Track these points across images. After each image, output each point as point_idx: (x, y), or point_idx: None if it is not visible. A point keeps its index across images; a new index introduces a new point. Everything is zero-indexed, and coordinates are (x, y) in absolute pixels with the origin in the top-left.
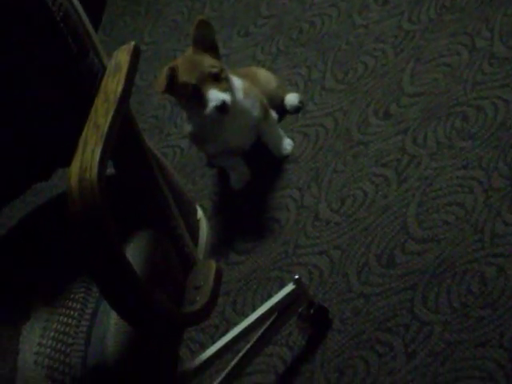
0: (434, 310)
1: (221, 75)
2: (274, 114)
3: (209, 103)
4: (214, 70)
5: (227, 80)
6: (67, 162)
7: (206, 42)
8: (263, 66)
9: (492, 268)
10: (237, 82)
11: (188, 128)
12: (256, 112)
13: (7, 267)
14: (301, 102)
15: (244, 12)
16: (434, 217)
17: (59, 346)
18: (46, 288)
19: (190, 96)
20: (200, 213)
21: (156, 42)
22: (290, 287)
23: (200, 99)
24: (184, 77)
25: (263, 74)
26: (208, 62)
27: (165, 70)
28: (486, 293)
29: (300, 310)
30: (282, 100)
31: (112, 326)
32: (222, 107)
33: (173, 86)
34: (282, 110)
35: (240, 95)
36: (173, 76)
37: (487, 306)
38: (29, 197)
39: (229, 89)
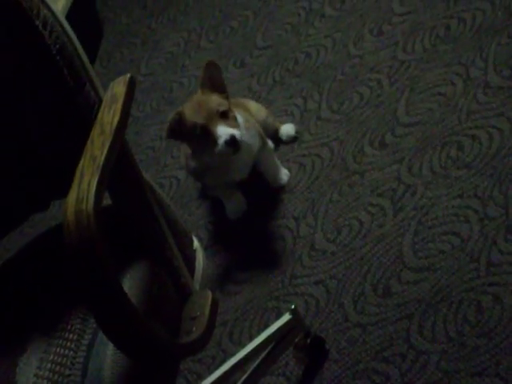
0: (431, 339)
1: (229, 113)
2: (270, 144)
3: (218, 139)
4: (222, 108)
5: (235, 118)
6: (64, 194)
7: (214, 83)
8: (259, 97)
9: (488, 297)
10: (238, 116)
11: (191, 164)
12: (256, 143)
13: (4, 298)
14: (297, 132)
15: (240, 43)
16: (430, 246)
17: (56, 377)
18: (42, 319)
19: (198, 136)
20: (196, 243)
21: (153, 73)
22: (286, 317)
23: (209, 138)
24: (192, 118)
25: (253, 105)
26: (215, 101)
27: (173, 116)
28: (483, 322)
29: (297, 339)
30: (274, 130)
31: (109, 357)
32: (232, 141)
33: (180, 130)
34: (278, 141)
35: (242, 128)
36: (179, 120)
37: (483, 335)
38: (26, 228)
39: (237, 126)
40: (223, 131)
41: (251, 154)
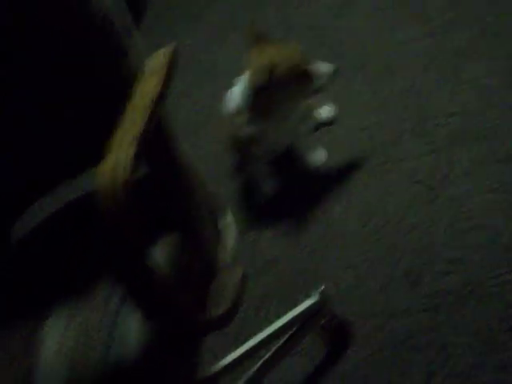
0: (457, 332)
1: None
2: (309, 123)
3: (320, 73)
4: (299, 48)
5: None
6: (100, 161)
7: (263, 35)
8: None
9: None
10: None
11: (247, 130)
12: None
13: (34, 261)
14: (336, 114)
15: (278, 24)
16: (463, 238)
17: (82, 339)
18: (72, 282)
19: (299, 75)
20: (229, 218)
21: (194, 46)
22: (313, 299)
23: (308, 75)
24: (286, 64)
25: None
26: (289, 45)
27: (263, 66)
28: (510, 317)
29: (323, 322)
30: (317, 111)
31: (135, 325)
32: (335, 72)
33: (273, 80)
34: (317, 122)
35: None
36: (273, 70)
37: (510, 330)
38: (62, 192)
39: None
40: (322, 66)
41: (298, 117)
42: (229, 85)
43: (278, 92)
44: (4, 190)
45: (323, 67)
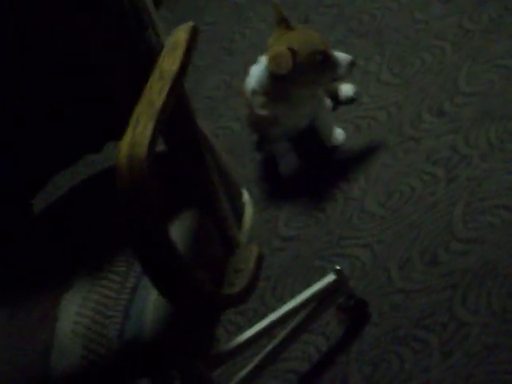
0: (473, 312)
1: None
2: (328, 102)
3: (341, 63)
4: (322, 38)
5: None
6: (119, 137)
7: (286, 20)
8: None
9: None
10: None
11: (264, 113)
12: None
13: (54, 235)
14: (355, 93)
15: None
16: (480, 218)
17: (98, 317)
18: (89, 259)
19: (317, 64)
20: (246, 196)
21: (216, 22)
22: (330, 277)
23: (328, 63)
24: (308, 49)
25: None
26: (311, 30)
27: (283, 52)
28: None
29: (339, 300)
30: (333, 89)
31: (151, 302)
32: (354, 63)
33: (295, 65)
34: (336, 101)
35: None
36: (295, 55)
37: None
38: (80, 167)
39: None
40: (341, 56)
41: (316, 99)
42: (249, 62)
43: (296, 79)
44: (24, 162)
45: (341, 57)
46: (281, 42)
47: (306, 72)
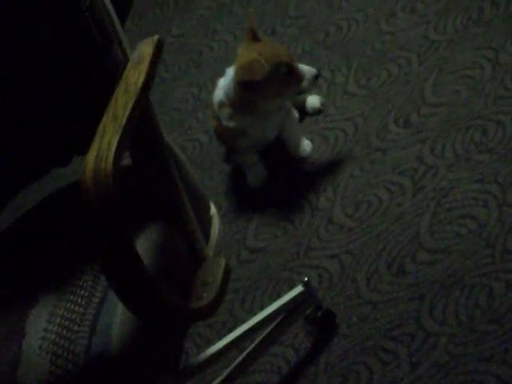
0: (441, 322)
1: None
2: (295, 113)
3: (305, 75)
4: (288, 51)
5: None
6: (86, 150)
7: (256, 32)
8: None
9: (501, 283)
10: None
11: (230, 124)
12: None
13: (21, 250)
14: (322, 104)
15: (272, 11)
16: (447, 228)
17: (65, 332)
18: (56, 273)
19: (281, 76)
20: (213, 209)
21: (183, 35)
22: (298, 289)
23: (292, 76)
24: (273, 61)
25: None
26: (279, 44)
27: (255, 60)
28: (494, 308)
29: (307, 312)
30: (300, 101)
31: (118, 316)
32: (318, 76)
33: (259, 76)
34: (303, 112)
35: None
36: (259, 66)
37: (494, 321)
38: (47, 182)
39: None
40: (306, 69)
41: (283, 111)
42: (216, 75)
43: (262, 90)
44: None
45: (306, 70)
46: (249, 51)
47: (271, 83)
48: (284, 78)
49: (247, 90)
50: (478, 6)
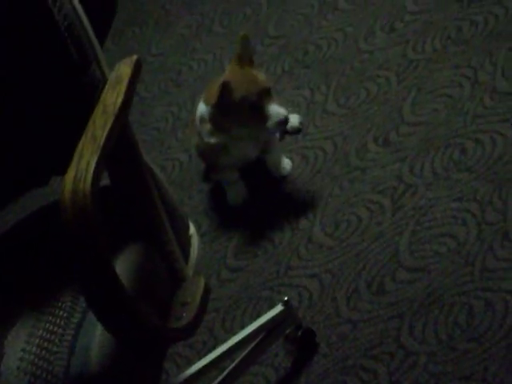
0: (421, 340)
1: (271, 90)
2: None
3: (271, 118)
4: (268, 85)
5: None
6: (64, 171)
7: (248, 57)
8: None
9: (480, 302)
10: None
11: (211, 141)
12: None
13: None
14: (301, 123)
15: (252, 30)
16: (426, 247)
17: (43, 353)
18: (34, 294)
19: (247, 111)
20: (192, 229)
21: (163, 54)
22: (278, 308)
23: (258, 115)
24: (242, 92)
25: None
26: (261, 77)
27: (218, 85)
28: (473, 326)
29: (287, 331)
30: None
31: (97, 337)
32: (285, 122)
33: (225, 100)
34: (282, 131)
35: None
36: (227, 91)
37: (473, 340)
38: (26, 202)
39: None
40: (276, 111)
41: (261, 136)
42: (196, 94)
43: (230, 116)
44: None
45: (274, 112)
46: (228, 76)
47: (237, 114)
48: (249, 113)
49: (217, 112)
50: (456, 25)
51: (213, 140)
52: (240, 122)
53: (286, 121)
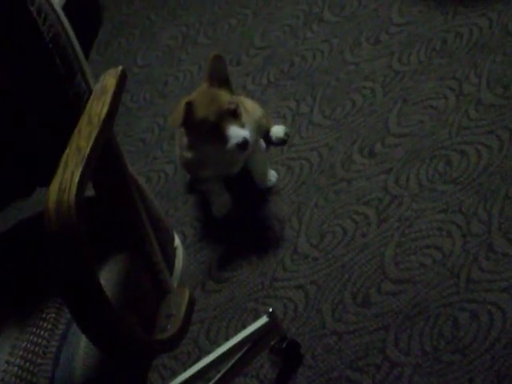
0: (406, 352)
1: (238, 111)
2: (262, 143)
3: (230, 140)
4: (232, 107)
5: (241, 115)
6: (49, 182)
7: (220, 77)
8: (253, 97)
9: (465, 313)
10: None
11: (187, 155)
12: (252, 139)
13: None
14: (287, 134)
15: (237, 41)
16: (412, 258)
17: (27, 365)
18: (18, 305)
19: (207, 131)
20: (177, 241)
21: (148, 65)
22: (263, 320)
23: (218, 136)
24: (202, 113)
25: (249, 104)
26: (225, 98)
27: (182, 105)
28: (458, 338)
29: (272, 343)
30: (267, 131)
31: (81, 348)
32: (244, 144)
33: (189, 120)
34: (268, 142)
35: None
36: (190, 111)
37: (458, 351)
38: (10, 213)
39: (244, 124)
40: (235, 133)
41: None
42: None
43: (194, 136)
44: None
45: (234, 134)
46: (194, 94)
47: (199, 133)
48: (209, 134)
49: (184, 131)
50: (441, 37)
51: (189, 154)
52: (203, 142)
53: (245, 143)
